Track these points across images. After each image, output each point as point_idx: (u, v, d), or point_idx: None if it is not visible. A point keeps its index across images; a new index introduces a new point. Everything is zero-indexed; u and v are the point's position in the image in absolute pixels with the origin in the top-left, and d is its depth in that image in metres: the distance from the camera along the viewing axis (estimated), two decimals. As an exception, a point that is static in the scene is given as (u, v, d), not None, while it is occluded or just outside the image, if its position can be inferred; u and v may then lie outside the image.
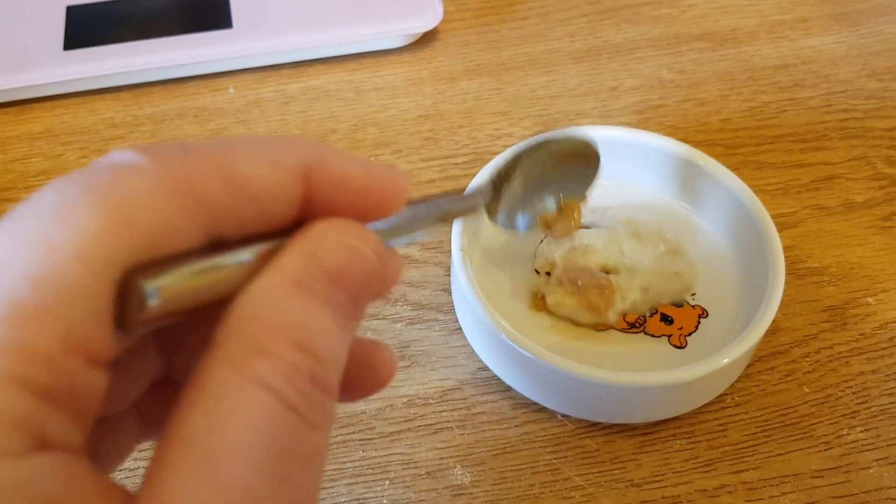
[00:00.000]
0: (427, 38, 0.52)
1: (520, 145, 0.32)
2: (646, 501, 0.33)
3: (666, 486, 0.34)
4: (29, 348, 0.14)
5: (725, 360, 0.33)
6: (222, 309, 0.17)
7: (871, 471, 0.34)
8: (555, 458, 0.34)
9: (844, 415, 0.36)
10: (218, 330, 0.16)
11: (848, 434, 0.35)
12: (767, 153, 0.46)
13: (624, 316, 0.37)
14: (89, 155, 0.46)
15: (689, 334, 0.37)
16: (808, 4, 0.55)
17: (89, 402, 0.15)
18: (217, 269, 0.17)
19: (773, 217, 0.42)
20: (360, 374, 0.20)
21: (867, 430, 0.36)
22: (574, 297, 0.37)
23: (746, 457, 0.35)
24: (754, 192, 0.38)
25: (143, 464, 0.32)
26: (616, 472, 0.34)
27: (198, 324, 0.18)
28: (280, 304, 0.16)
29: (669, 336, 0.37)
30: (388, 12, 0.51)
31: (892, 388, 0.37)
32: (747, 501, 0.33)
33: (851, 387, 0.37)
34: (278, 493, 0.15)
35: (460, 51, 0.52)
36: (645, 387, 0.33)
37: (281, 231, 0.18)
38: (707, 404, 0.36)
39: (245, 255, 0.17)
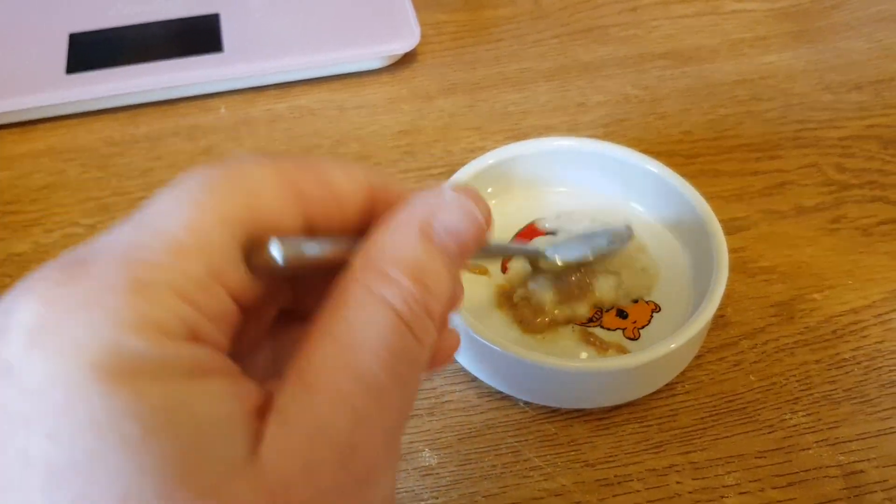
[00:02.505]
0: (406, 60, 0.55)
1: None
2: (599, 479, 0.36)
3: (618, 466, 0.36)
4: (187, 271, 0.18)
5: (673, 346, 0.35)
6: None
7: (810, 451, 0.37)
8: (516, 442, 0.37)
9: (788, 401, 0.39)
10: (356, 257, 0.21)
11: (790, 418, 0.38)
12: (724, 162, 0.49)
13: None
14: (90, 170, 0.49)
15: (643, 327, 0.40)
16: (769, 23, 0.58)
17: (228, 325, 0.20)
18: (321, 243, 0.21)
19: (728, 221, 0.45)
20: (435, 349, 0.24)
21: (809, 414, 0.38)
22: (556, 296, 0.40)
23: (695, 439, 0.37)
24: (710, 198, 0.41)
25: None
26: (573, 453, 0.37)
27: (315, 279, 0.22)
28: (406, 244, 0.21)
29: (624, 329, 0.40)
30: (369, 36, 0.54)
31: (833, 376, 0.40)
32: (694, 479, 0.36)
33: (795, 375, 0.40)
34: (393, 386, 0.19)
35: (437, 71, 0.55)
36: (598, 371, 0.36)
37: (352, 235, 0.22)
38: (659, 391, 0.38)
39: (339, 242, 0.22)
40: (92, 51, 0.53)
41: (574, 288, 0.40)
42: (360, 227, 0.22)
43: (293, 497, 0.18)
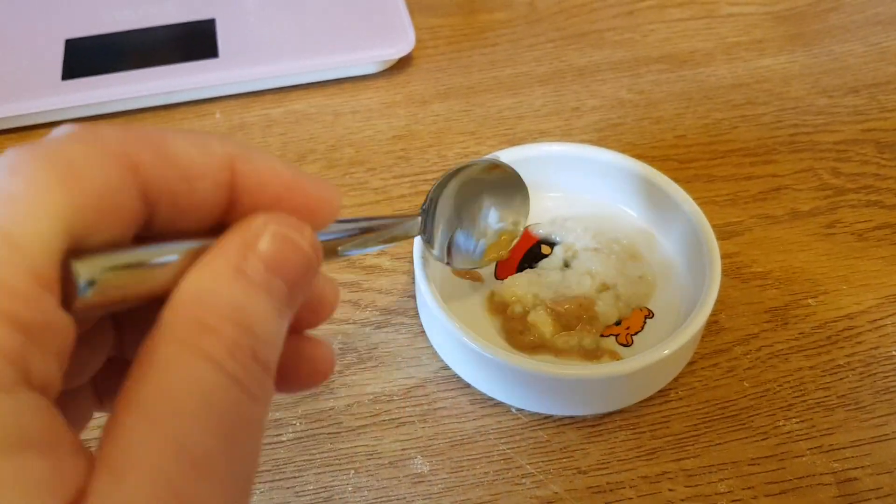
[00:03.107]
0: (401, 64, 0.55)
1: (443, 175, 0.36)
2: (591, 487, 0.36)
3: (611, 473, 0.36)
4: (7, 285, 0.15)
5: (666, 352, 0.35)
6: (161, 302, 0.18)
7: (804, 458, 0.37)
8: (508, 449, 0.37)
9: (781, 407, 0.39)
10: (164, 310, 0.18)
11: (784, 425, 0.38)
12: (719, 167, 0.49)
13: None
14: (84, 177, 0.49)
15: (636, 334, 0.40)
16: (764, 27, 0.58)
17: (64, 343, 0.16)
18: (149, 262, 0.18)
19: (722, 226, 0.45)
20: (301, 367, 0.22)
21: (802, 421, 0.38)
22: (555, 322, 0.39)
23: (687, 446, 0.37)
24: (705, 202, 0.41)
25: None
26: (565, 460, 0.37)
27: (147, 312, 0.19)
28: (222, 288, 0.18)
29: (617, 335, 0.39)
30: (364, 41, 0.54)
31: (827, 382, 0.39)
32: (687, 486, 0.36)
33: (789, 381, 0.39)
34: (226, 452, 0.17)
35: (432, 75, 0.55)
36: (591, 378, 0.36)
37: (211, 232, 0.19)
38: (652, 398, 0.38)
39: (179, 249, 0.19)
40: (88, 56, 0.53)
41: (573, 318, 0.39)
42: (222, 220, 0.19)
43: None
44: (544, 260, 0.42)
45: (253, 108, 0.53)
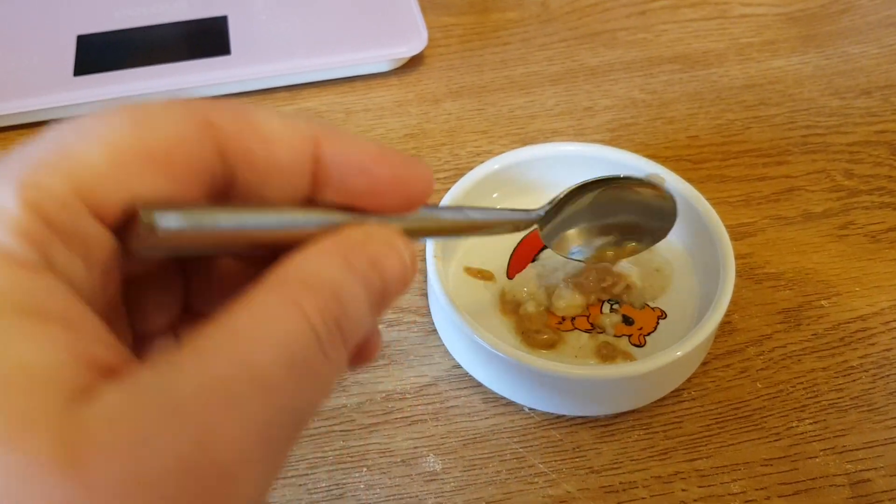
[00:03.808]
0: (413, 63, 0.55)
1: (592, 177, 0.36)
2: (604, 486, 0.36)
3: (623, 473, 0.36)
4: (42, 185, 0.16)
5: (679, 353, 0.35)
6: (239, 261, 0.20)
7: (817, 460, 0.37)
8: (521, 448, 0.37)
9: (794, 408, 0.38)
10: (268, 273, 0.18)
11: (797, 426, 0.38)
12: (731, 167, 0.49)
13: (588, 317, 0.40)
14: (96, 173, 0.49)
15: (649, 334, 0.39)
16: (777, 27, 0.58)
17: (97, 252, 0.17)
18: (236, 220, 0.19)
19: (735, 227, 0.45)
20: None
21: (816, 422, 0.38)
22: (582, 296, 0.40)
23: (700, 446, 0.37)
24: (717, 203, 0.41)
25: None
26: (578, 459, 0.37)
27: (217, 267, 0.20)
28: (328, 268, 0.19)
29: (630, 336, 0.39)
30: (377, 39, 0.54)
31: (840, 384, 0.39)
32: (699, 487, 0.36)
33: (802, 383, 0.39)
34: (286, 387, 0.17)
35: (445, 74, 0.55)
36: (604, 379, 0.36)
37: (297, 204, 0.20)
38: (665, 398, 0.38)
39: (264, 217, 0.19)
40: (100, 53, 0.53)
41: (596, 287, 0.39)
42: (309, 197, 0.20)
43: (100, 474, 0.14)
44: (546, 250, 0.42)
45: (264, 105, 0.53)
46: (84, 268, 0.17)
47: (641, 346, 0.39)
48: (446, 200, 0.41)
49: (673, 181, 0.42)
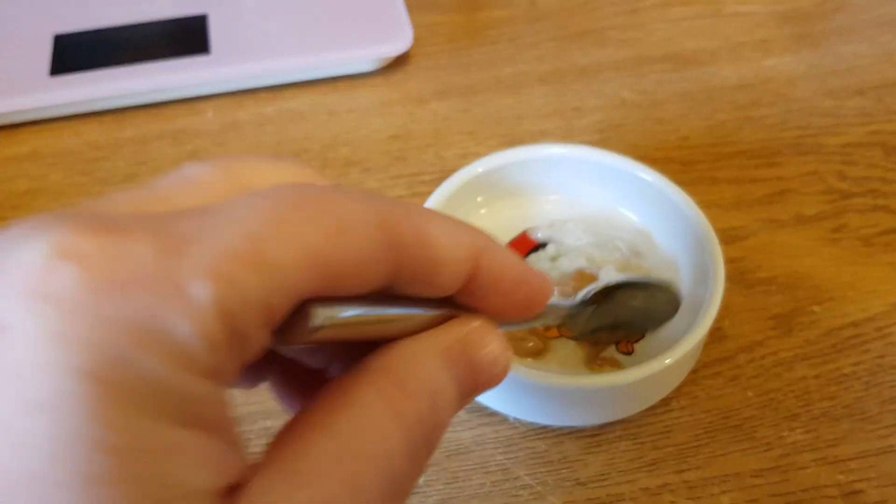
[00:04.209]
0: (399, 62, 0.54)
1: (621, 277, 0.37)
2: (591, 499, 0.35)
3: (611, 485, 0.35)
4: (237, 283, 0.15)
5: (668, 361, 0.34)
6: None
7: (808, 470, 0.36)
8: (506, 459, 0.36)
9: (786, 417, 0.38)
10: (373, 356, 0.19)
11: (788, 436, 0.37)
12: (723, 169, 0.48)
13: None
14: (73, 176, 0.48)
15: (637, 341, 0.38)
16: (770, 26, 0.57)
17: (252, 352, 0.16)
18: (380, 319, 0.19)
19: (726, 230, 0.44)
20: None
21: (807, 431, 0.37)
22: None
23: (689, 457, 0.36)
24: (708, 206, 0.40)
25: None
26: (564, 471, 0.36)
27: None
28: (429, 363, 0.19)
29: (617, 343, 0.38)
30: (361, 37, 0.53)
31: (833, 391, 0.38)
32: (688, 499, 0.35)
33: (794, 391, 0.38)
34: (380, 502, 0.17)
35: (431, 74, 0.54)
36: (591, 388, 0.35)
37: (435, 301, 0.20)
38: (653, 407, 0.37)
39: (410, 312, 0.20)
40: (77, 52, 0.52)
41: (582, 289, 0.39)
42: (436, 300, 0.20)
43: None
44: (532, 255, 0.41)
45: (246, 106, 0.52)
46: (237, 369, 0.16)
47: (629, 354, 0.38)
48: (429, 204, 0.40)
49: (661, 184, 0.41)
